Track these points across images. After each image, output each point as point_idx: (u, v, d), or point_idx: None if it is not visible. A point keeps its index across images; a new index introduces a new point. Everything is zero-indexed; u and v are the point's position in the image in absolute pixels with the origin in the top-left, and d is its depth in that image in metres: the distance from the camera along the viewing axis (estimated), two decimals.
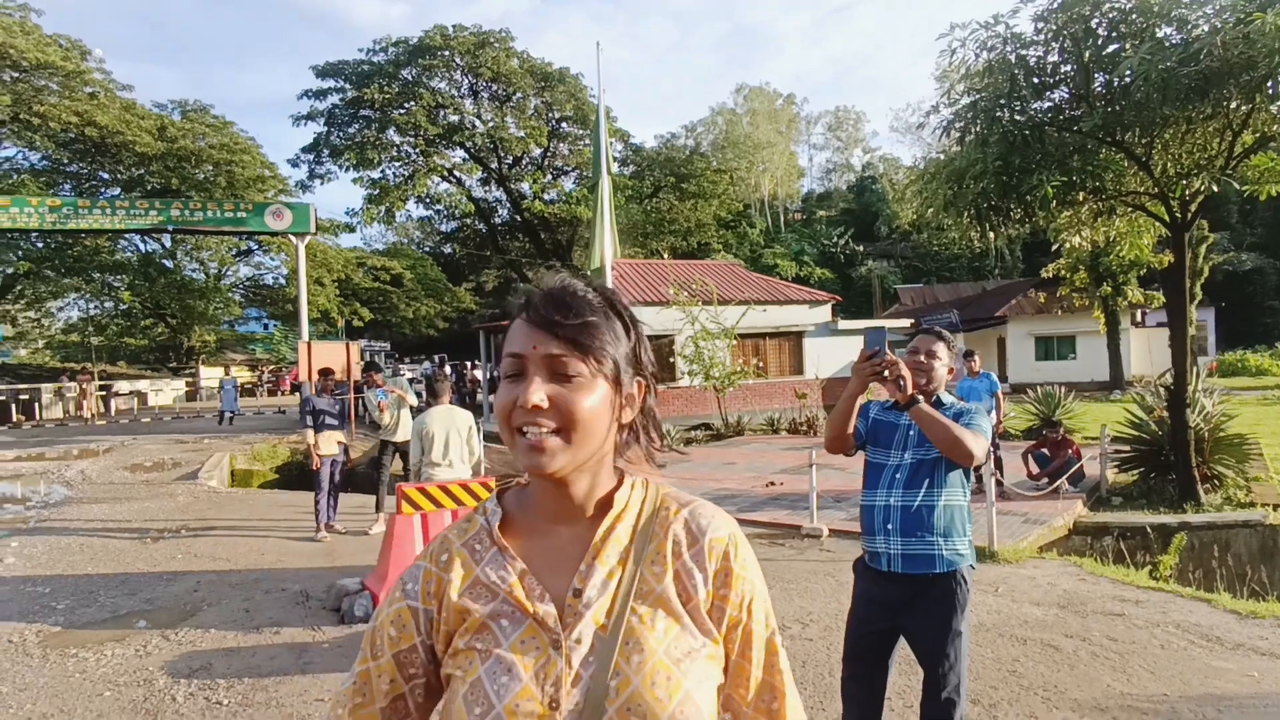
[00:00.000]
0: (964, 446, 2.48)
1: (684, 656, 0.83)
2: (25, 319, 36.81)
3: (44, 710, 3.70)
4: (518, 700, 0.79)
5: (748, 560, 0.91)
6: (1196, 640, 4.35)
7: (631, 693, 0.80)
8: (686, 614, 0.86)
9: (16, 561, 6.67)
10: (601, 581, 0.86)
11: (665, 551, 0.89)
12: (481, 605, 0.86)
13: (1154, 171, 7.91)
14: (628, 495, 0.92)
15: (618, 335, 0.88)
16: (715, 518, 0.92)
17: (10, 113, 24.60)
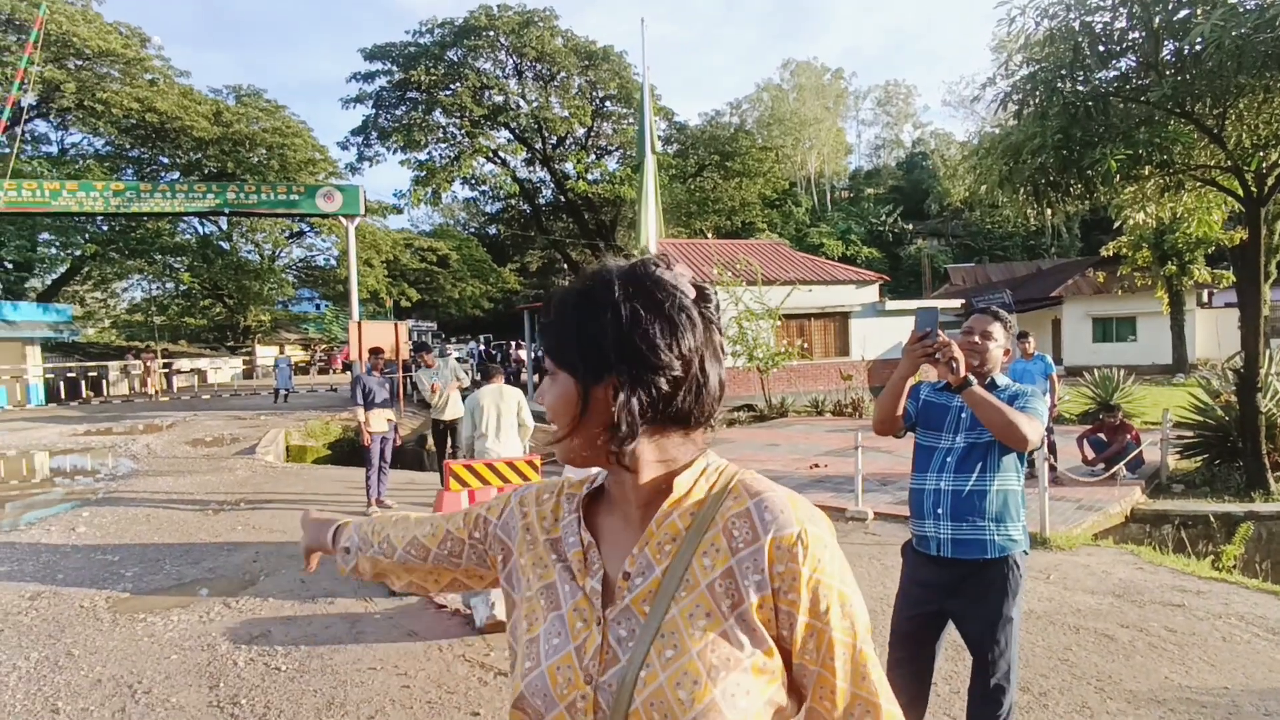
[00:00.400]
0: (1018, 431, 2.41)
1: (720, 662, 0.77)
2: (92, 299, 38.51)
3: (114, 672, 3.90)
4: (560, 664, 0.83)
5: (825, 561, 0.81)
6: (1261, 633, 4.18)
7: (656, 688, 0.77)
8: (733, 617, 0.79)
9: (87, 531, 7.02)
10: (649, 566, 0.83)
11: (720, 544, 0.82)
12: (553, 561, 0.91)
13: (1227, 144, 7.51)
14: (692, 480, 0.86)
15: (579, 328, 0.83)
16: (785, 511, 0.82)
17: (75, 100, 25.55)
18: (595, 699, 0.80)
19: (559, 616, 0.86)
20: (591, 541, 0.89)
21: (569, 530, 0.91)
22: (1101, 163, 7.12)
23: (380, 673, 3.83)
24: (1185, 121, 7.51)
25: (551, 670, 0.83)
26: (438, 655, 4.05)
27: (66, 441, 13.71)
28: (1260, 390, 8.05)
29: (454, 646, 4.16)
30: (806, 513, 0.83)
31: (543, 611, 0.88)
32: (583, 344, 0.82)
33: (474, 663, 3.94)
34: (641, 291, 0.82)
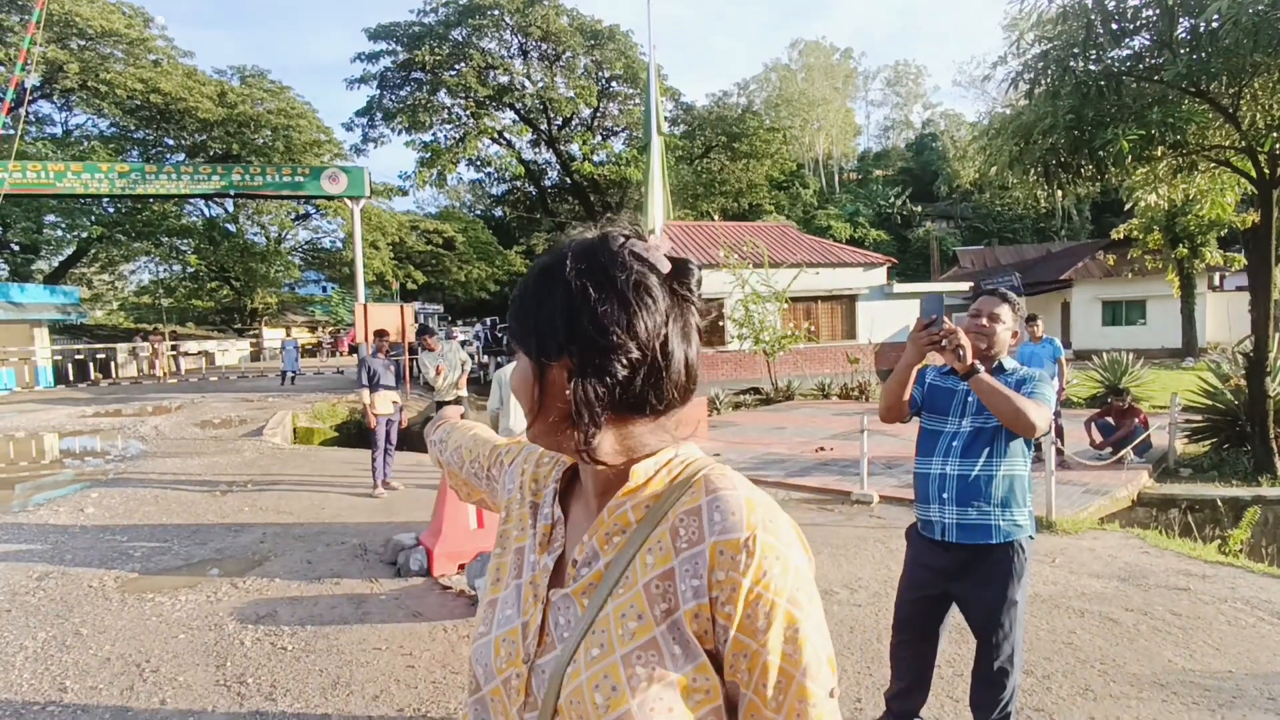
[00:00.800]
0: (1026, 418, 2.38)
1: (645, 671, 0.70)
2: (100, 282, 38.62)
3: (123, 651, 3.94)
4: (506, 636, 0.81)
5: (773, 574, 0.71)
6: (1266, 617, 4.17)
7: (577, 687, 0.72)
8: (665, 623, 0.72)
9: (96, 511, 7.08)
10: (595, 556, 0.79)
11: (666, 542, 0.75)
12: (529, 526, 0.89)
13: (1241, 124, 7.39)
14: (652, 469, 0.79)
15: (539, 307, 0.78)
16: (737, 514, 0.73)
17: (79, 80, 25.46)
18: (528, 680, 0.77)
19: (518, 586, 0.84)
20: (560, 517, 0.86)
21: (547, 500, 0.88)
22: (1113, 143, 7.02)
23: (385, 653, 3.86)
24: (1199, 101, 7.39)
25: (498, 641, 0.82)
26: (442, 636, 4.07)
27: (75, 423, 13.81)
28: (1269, 374, 7.99)
29: (458, 627, 4.19)
30: (764, 518, 0.74)
31: (508, 575, 0.86)
32: (537, 324, 0.78)
33: None
34: (595, 267, 0.76)
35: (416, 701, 3.36)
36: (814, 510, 6.70)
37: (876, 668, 3.53)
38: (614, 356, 0.74)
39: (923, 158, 54.11)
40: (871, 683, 3.42)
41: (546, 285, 0.78)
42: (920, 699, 2.90)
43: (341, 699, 3.38)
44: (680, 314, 0.79)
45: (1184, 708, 3.20)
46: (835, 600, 4.49)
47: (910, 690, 2.87)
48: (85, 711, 3.31)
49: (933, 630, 2.80)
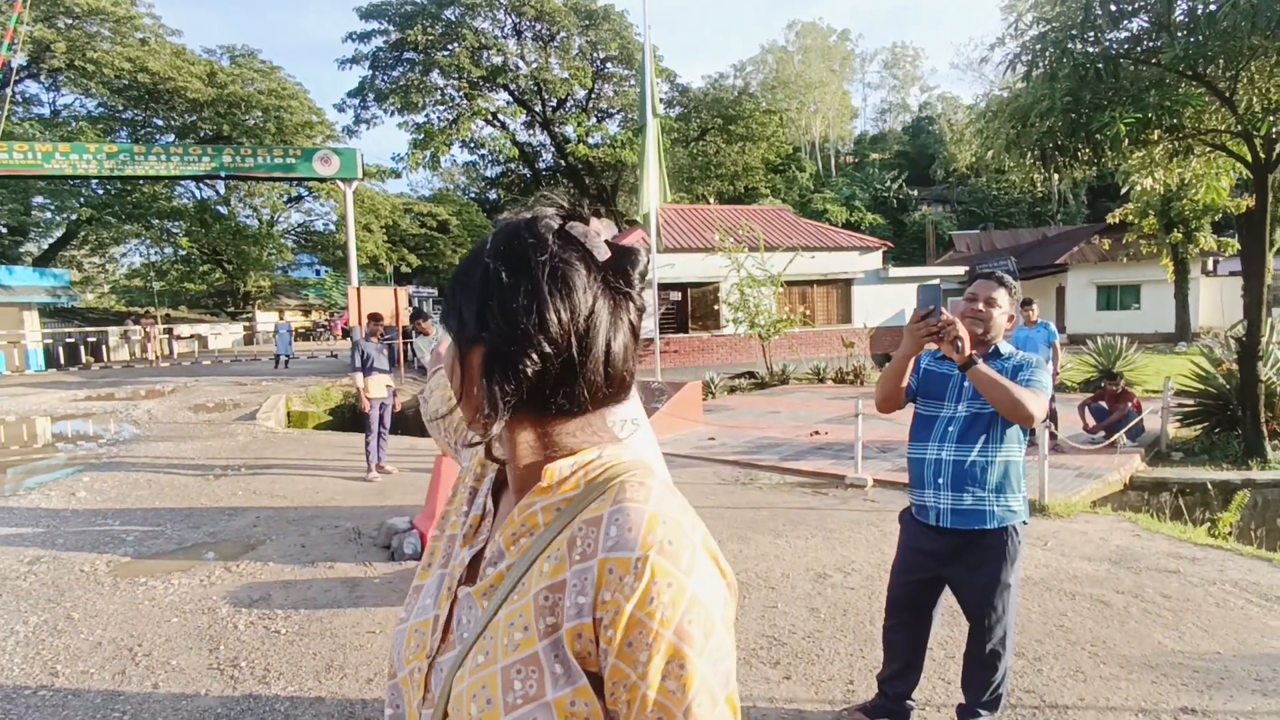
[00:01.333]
0: (1024, 409, 2.39)
1: (522, 688, 0.65)
2: (90, 264, 38.33)
3: (115, 635, 3.93)
4: (419, 627, 0.78)
5: (661, 601, 0.64)
6: (1255, 599, 4.20)
7: (459, 694, 0.69)
8: (548, 639, 0.66)
9: (88, 495, 7.05)
10: (500, 556, 0.74)
11: (563, 551, 0.69)
12: (463, 513, 0.85)
13: (1238, 108, 7.36)
14: (569, 469, 0.74)
15: (462, 288, 0.75)
16: (635, 530, 0.66)
17: (66, 60, 25.11)
18: (428, 676, 0.75)
19: (442, 575, 0.81)
20: (491, 510, 0.82)
21: (484, 489, 0.84)
22: (1110, 126, 6.99)
23: (379, 636, 3.86)
24: (1197, 84, 7.35)
25: (410, 630, 0.79)
26: None
27: (66, 407, 13.74)
28: (1261, 359, 8.02)
29: None
30: (664, 538, 0.66)
31: (436, 563, 0.83)
32: (459, 306, 0.74)
33: None
34: (513, 251, 0.72)
35: None
36: (808, 494, 6.72)
37: (869, 650, 3.55)
38: (521, 349, 0.70)
39: (919, 141, 53.94)
40: (864, 665, 3.44)
41: (468, 267, 0.75)
42: (913, 681, 2.92)
43: (335, 682, 3.39)
44: (612, 306, 0.73)
45: (1173, 689, 3.22)
46: (829, 583, 4.51)
47: (903, 672, 2.88)
48: (76, 696, 3.30)
49: (926, 613, 2.81)
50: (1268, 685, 3.24)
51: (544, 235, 0.73)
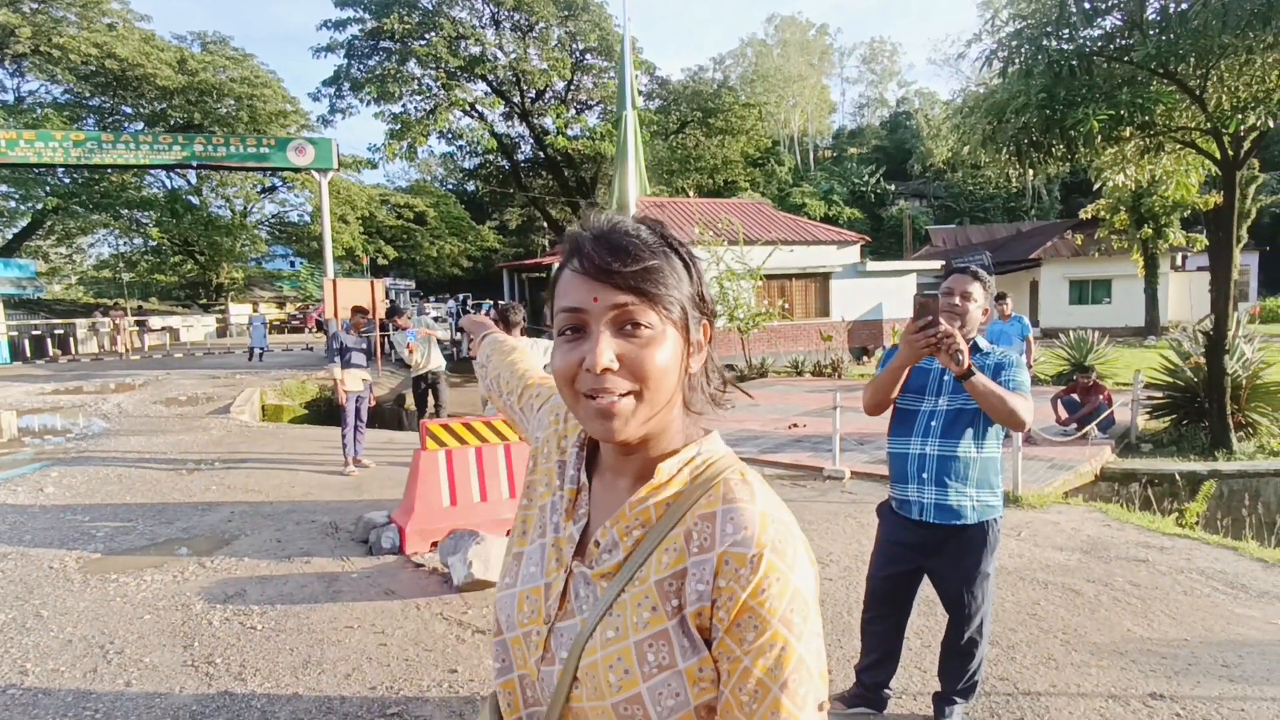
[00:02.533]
0: (1019, 418, 2.44)
1: (655, 659, 0.75)
2: (57, 255, 37.41)
3: (85, 633, 3.86)
4: (529, 593, 0.85)
5: (771, 593, 0.73)
6: (1220, 587, 4.31)
7: (593, 663, 0.77)
8: (676, 619, 0.76)
9: (56, 491, 6.91)
10: (614, 546, 0.81)
11: (680, 544, 0.77)
12: (556, 483, 0.91)
13: (1207, 105, 7.50)
14: (676, 468, 0.81)
15: (680, 276, 0.80)
16: (749, 528, 0.75)
17: (31, 45, 24.44)
18: (548, 639, 0.82)
19: (543, 545, 0.88)
20: (585, 484, 0.88)
21: (571, 463, 0.90)
22: (1084, 123, 7.09)
23: (357, 631, 3.83)
24: (1168, 82, 7.48)
25: (521, 596, 0.86)
26: (415, 614, 4.05)
27: (34, 400, 13.43)
28: (1228, 352, 8.20)
29: (431, 605, 4.17)
30: (775, 537, 0.75)
31: (534, 530, 0.90)
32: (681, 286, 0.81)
33: (452, 621, 3.95)
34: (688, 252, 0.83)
35: (389, 679, 3.34)
36: (787, 486, 6.77)
37: (847, 640, 3.59)
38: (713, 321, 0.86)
39: (897, 136, 54.30)
40: (842, 655, 3.47)
41: (668, 260, 0.80)
42: (890, 670, 2.95)
43: (313, 678, 3.36)
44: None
45: (1142, 675, 3.30)
46: None
47: (881, 662, 2.92)
48: (46, 694, 3.24)
49: (904, 605, 2.85)
50: (1234, 671, 3.33)
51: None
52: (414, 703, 3.15)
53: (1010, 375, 2.55)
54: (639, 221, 0.81)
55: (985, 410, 2.47)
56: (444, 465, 5.29)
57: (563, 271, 0.80)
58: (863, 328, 19.99)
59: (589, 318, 0.77)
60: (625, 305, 0.76)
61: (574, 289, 0.78)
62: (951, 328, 2.40)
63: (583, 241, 0.78)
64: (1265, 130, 7.56)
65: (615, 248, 0.76)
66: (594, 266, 0.76)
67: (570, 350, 0.78)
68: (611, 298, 0.76)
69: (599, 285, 0.76)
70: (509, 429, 5.56)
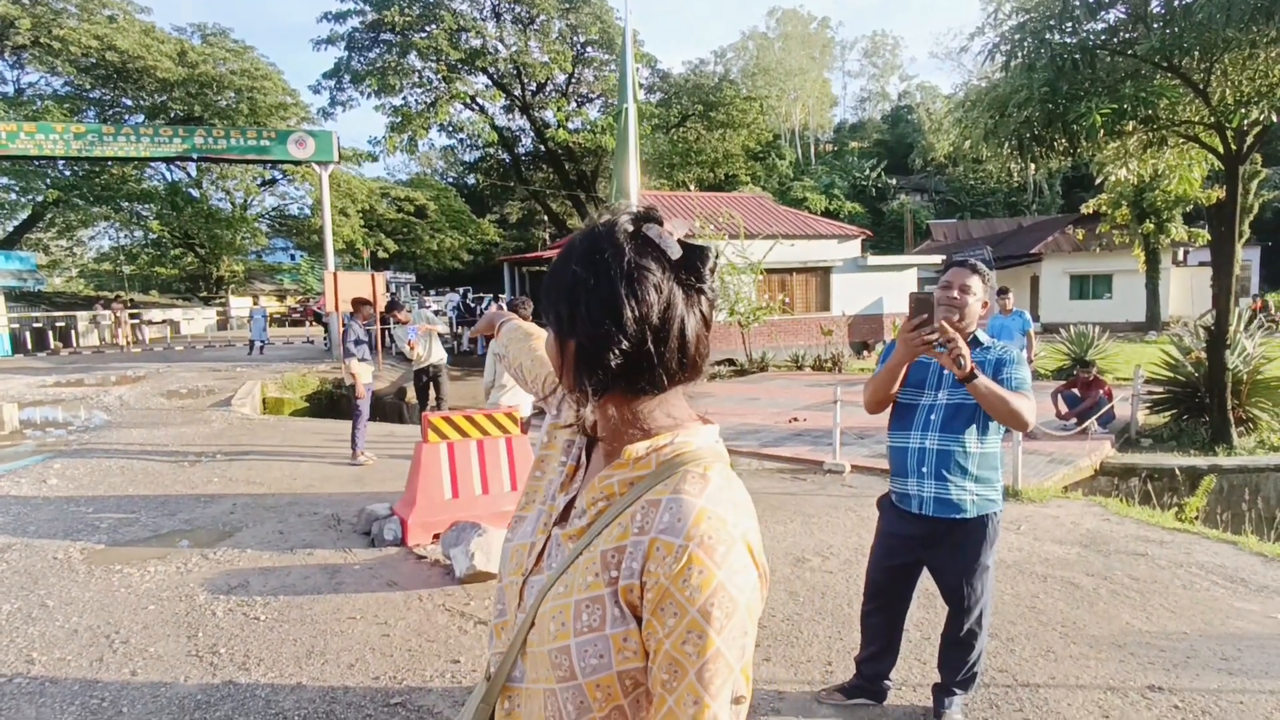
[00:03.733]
0: (1022, 418, 2.45)
1: (587, 618, 0.81)
2: (57, 247, 37.38)
3: (91, 623, 3.88)
4: (519, 548, 0.96)
5: (693, 583, 0.77)
6: (1220, 581, 4.33)
7: (543, 612, 0.86)
8: (609, 589, 0.82)
9: (59, 483, 6.93)
10: (583, 513, 0.90)
11: (627, 522, 0.83)
12: (560, 460, 1.01)
13: (1211, 99, 7.48)
14: (642, 451, 0.86)
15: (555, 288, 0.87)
16: (684, 520, 0.79)
17: (31, 36, 24.36)
18: (522, 590, 0.93)
19: (541, 510, 0.98)
20: (585, 463, 0.97)
21: (578, 442, 1.00)
22: (1086, 117, 7.08)
23: (360, 622, 3.85)
24: (1171, 76, 7.46)
25: (513, 550, 0.97)
26: (417, 605, 4.07)
27: (35, 393, 13.44)
28: (1229, 347, 8.21)
29: (434, 596, 4.19)
30: (706, 533, 0.78)
31: (537, 499, 1.01)
32: (555, 304, 0.86)
33: (454, 612, 3.97)
34: (593, 258, 0.83)
35: (392, 670, 3.36)
36: (787, 479, 6.78)
37: (847, 632, 3.61)
38: (605, 345, 0.82)
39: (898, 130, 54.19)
40: (842, 647, 3.49)
41: (559, 271, 0.87)
42: (890, 662, 2.97)
43: (316, 668, 3.38)
44: (685, 299, 0.85)
45: (1140, 667, 3.32)
46: (807, 567, 4.56)
47: (880, 654, 2.94)
48: (54, 683, 3.27)
49: (904, 597, 2.86)
50: (1232, 664, 3.35)
51: (620, 241, 0.83)
52: (417, 692, 3.17)
53: (1011, 373, 2.55)
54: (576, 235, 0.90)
55: (987, 411, 2.48)
56: (445, 458, 5.30)
57: None
58: (863, 322, 19.99)
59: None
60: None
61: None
62: (952, 331, 2.40)
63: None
64: (1268, 125, 7.55)
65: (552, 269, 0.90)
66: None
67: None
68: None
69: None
70: (510, 422, 5.58)
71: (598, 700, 0.81)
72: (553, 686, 0.83)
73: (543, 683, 0.85)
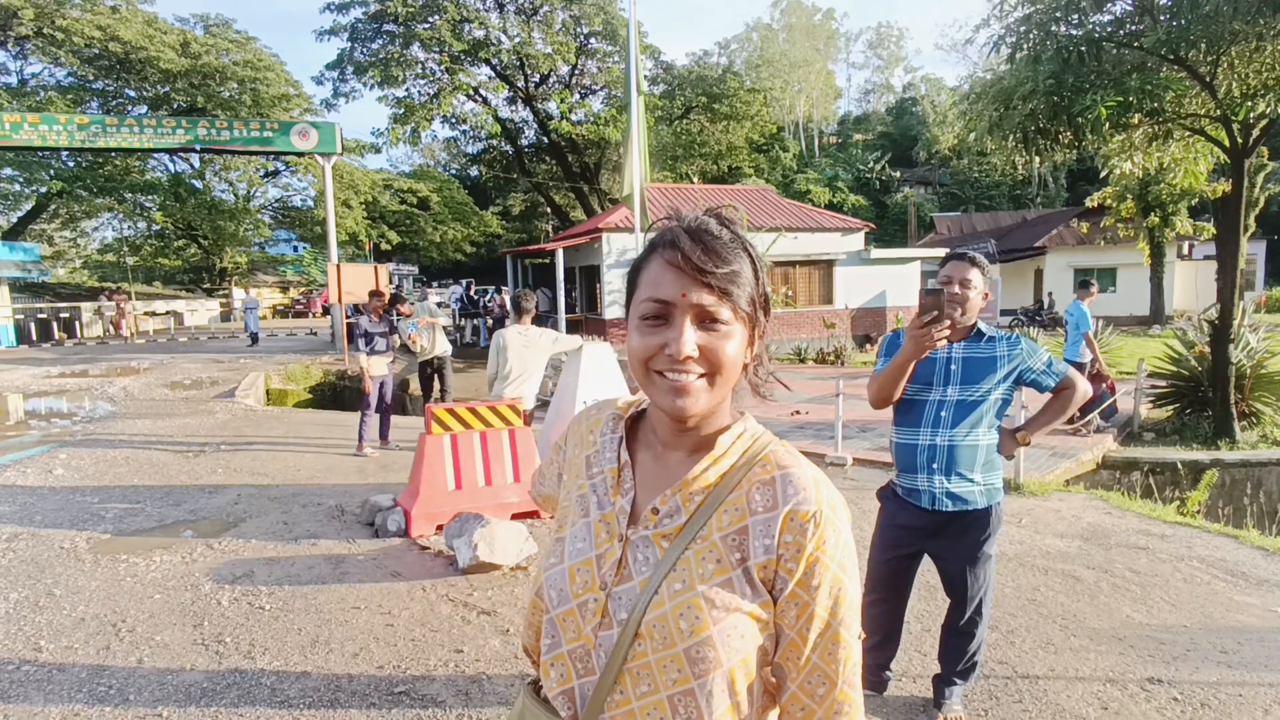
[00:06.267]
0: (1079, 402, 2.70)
1: (722, 604, 0.84)
2: (61, 239, 37.43)
3: (97, 611, 3.91)
4: (580, 566, 0.92)
5: (830, 544, 0.86)
6: (1220, 575, 4.34)
7: (661, 614, 0.85)
8: (739, 569, 0.86)
9: (65, 473, 6.97)
10: (677, 510, 0.89)
11: (741, 505, 0.88)
12: (585, 473, 1.00)
13: (1217, 92, 7.44)
14: (731, 441, 0.92)
15: (749, 276, 0.89)
16: (807, 489, 0.87)
17: (34, 27, 24.34)
18: (605, 605, 0.88)
19: (586, 524, 0.95)
20: (628, 461, 0.96)
21: (607, 447, 0.99)
22: (1092, 109, 7.04)
23: (364, 612, 3.88)
24: (1178, 69, 7.42)
25: (572, 570, 0.92)
26: (421, 595, 4.10)
27: (40, 384, 13.51)
28: (1232, 341, 8.19)
29: (437, 587, 4.21)
30: (828, 497, 0.88)
31: (574, 516, 0.98)
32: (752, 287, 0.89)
33: (457, 602, 4.00)
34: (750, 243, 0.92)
35: (396, 659, 3.39)
36: None
37: None
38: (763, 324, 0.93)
39: (902, 122, 53.96)
40: None
41: (744, 262, 0.88)
42: (890, 652, 2.99)
43: (321, 657, 3.41)
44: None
45: (1140, 660, 3.33)
46: None
47: (881, 645, 2.95)
48: (61, 670, 3.30)
49: (905, 588, 2.87)
50: (1232, 657, 3.36)
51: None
52: (421, 681, 3.20)
53: (1035, 374, 2.61)
54: (721, 223, 0.89)
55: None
56: (449, 449, 5.32)
57: (652, 260, 0.88)
58: (866, 315, 19.96)
59: (675, 309, 0.86)
60: (710, 305, 0.85)
61: (666, 281, 0.86)
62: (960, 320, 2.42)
63: (679, 237, 0.86)
64: (1275, 118, 7.50)
65: (708, 249, 0.85)
66: (689, 264, 0.85)
67: (651, 334, 0.87)
68: (699, 295, 0.85)
69: (690, 282, 0.85)
70: (513, 414, 5.59)
71: (738, 680, 0.85)
72: (687, 688, 0.83)
73: (662, 691, 0.84)
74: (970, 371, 2.59)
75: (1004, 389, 2.60)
